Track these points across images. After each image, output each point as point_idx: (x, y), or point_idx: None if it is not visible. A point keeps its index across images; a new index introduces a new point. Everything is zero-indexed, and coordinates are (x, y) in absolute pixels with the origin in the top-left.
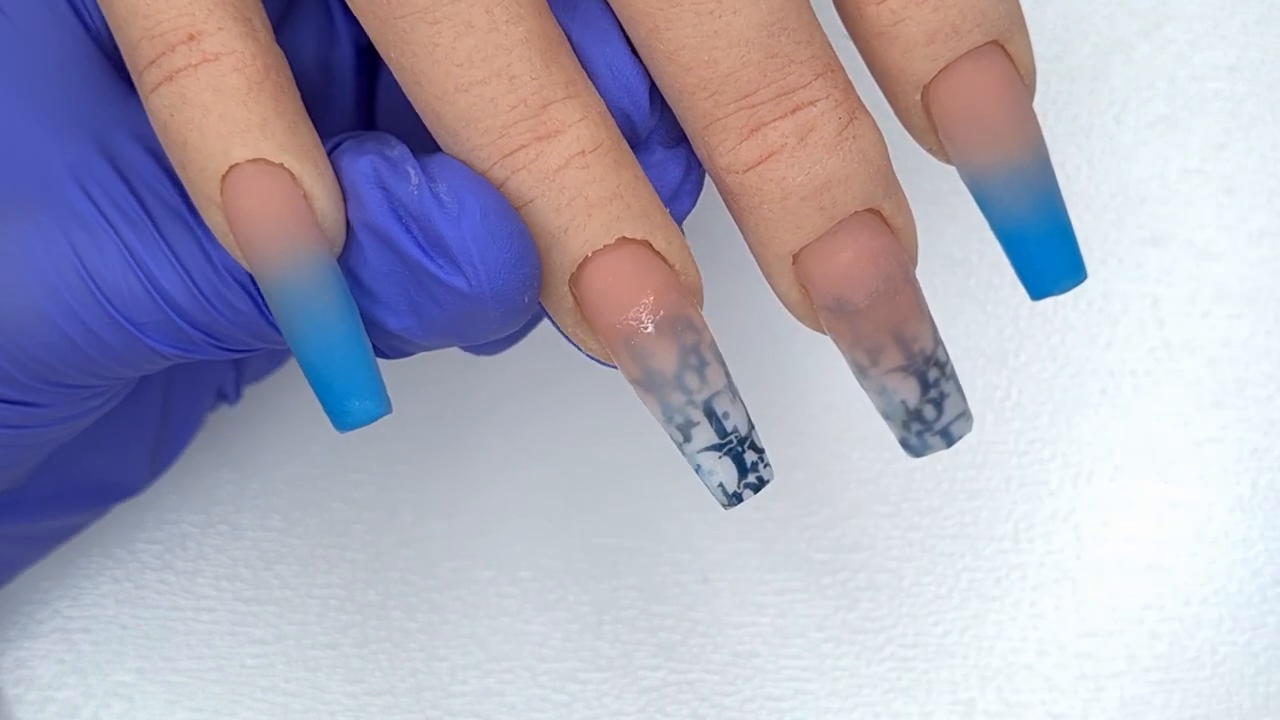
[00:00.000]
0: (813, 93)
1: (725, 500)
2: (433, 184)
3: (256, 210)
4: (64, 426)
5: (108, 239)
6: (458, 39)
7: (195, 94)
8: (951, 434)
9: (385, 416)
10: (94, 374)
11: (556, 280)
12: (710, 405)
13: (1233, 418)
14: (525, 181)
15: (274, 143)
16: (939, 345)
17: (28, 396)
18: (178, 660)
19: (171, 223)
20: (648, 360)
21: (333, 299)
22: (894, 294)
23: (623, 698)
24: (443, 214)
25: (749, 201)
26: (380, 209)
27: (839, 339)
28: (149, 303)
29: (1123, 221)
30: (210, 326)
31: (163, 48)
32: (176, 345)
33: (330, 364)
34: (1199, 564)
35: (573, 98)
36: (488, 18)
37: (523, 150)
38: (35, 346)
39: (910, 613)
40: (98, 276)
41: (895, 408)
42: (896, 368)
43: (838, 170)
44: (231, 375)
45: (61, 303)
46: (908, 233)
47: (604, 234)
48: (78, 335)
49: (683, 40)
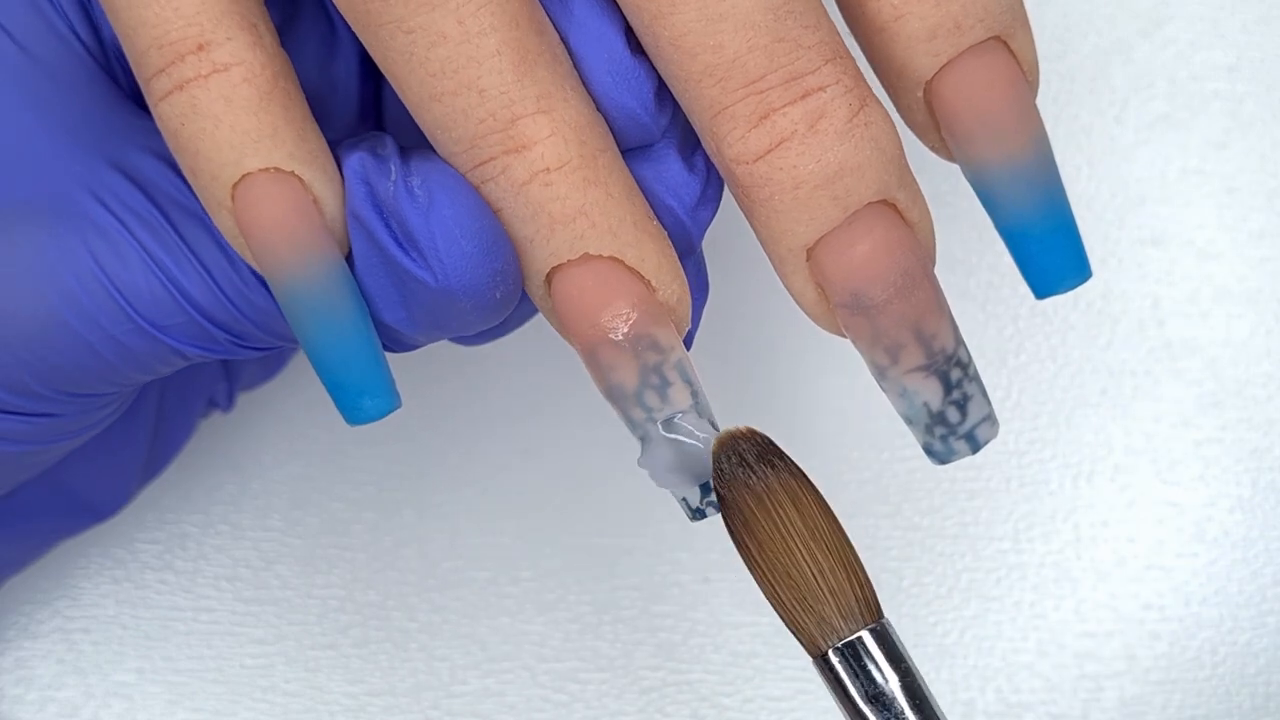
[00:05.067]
0: (822, 78)
1: (690, 514)
2: (409, 179)
3: (268, 217)
4: (73, 440)
5: (127, 244)
6: (430, 49)
7: (206, 105)
8: (977, 438)
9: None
10: (111, 381)
11: (534, 281)
12: (672, 422)
13: (1233, 418)
14: (494, 192)
15: (284, 151)
16: (960, 344)
17: (44, 408)
18: (178, 660)
19: (188, 224)
20: (609, 374)
21: (343, 300)
22: (912, 288)
23: (623, 698)
24: (413, 207)
25: (760, 193)
26: (362, 203)
27: (857, 338)
28: (172, 304)
29: (1123, 221)
30: (232, 324)
31: (172, 57)
32: (200, 345)
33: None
34: (1199, 564)
35: (544, 113)
36: (460, 29)
37: (491, 162)
38: (55, 356)
39: (910, 613)
40: (119, 282)
41: (917, 410)
42: (917, 367)
43: (850, 158)
44: (224, 385)
45: (82, 311)
46: (924, 226)
47: (568, 249)
48: (99, 342)
49: (687, 25)
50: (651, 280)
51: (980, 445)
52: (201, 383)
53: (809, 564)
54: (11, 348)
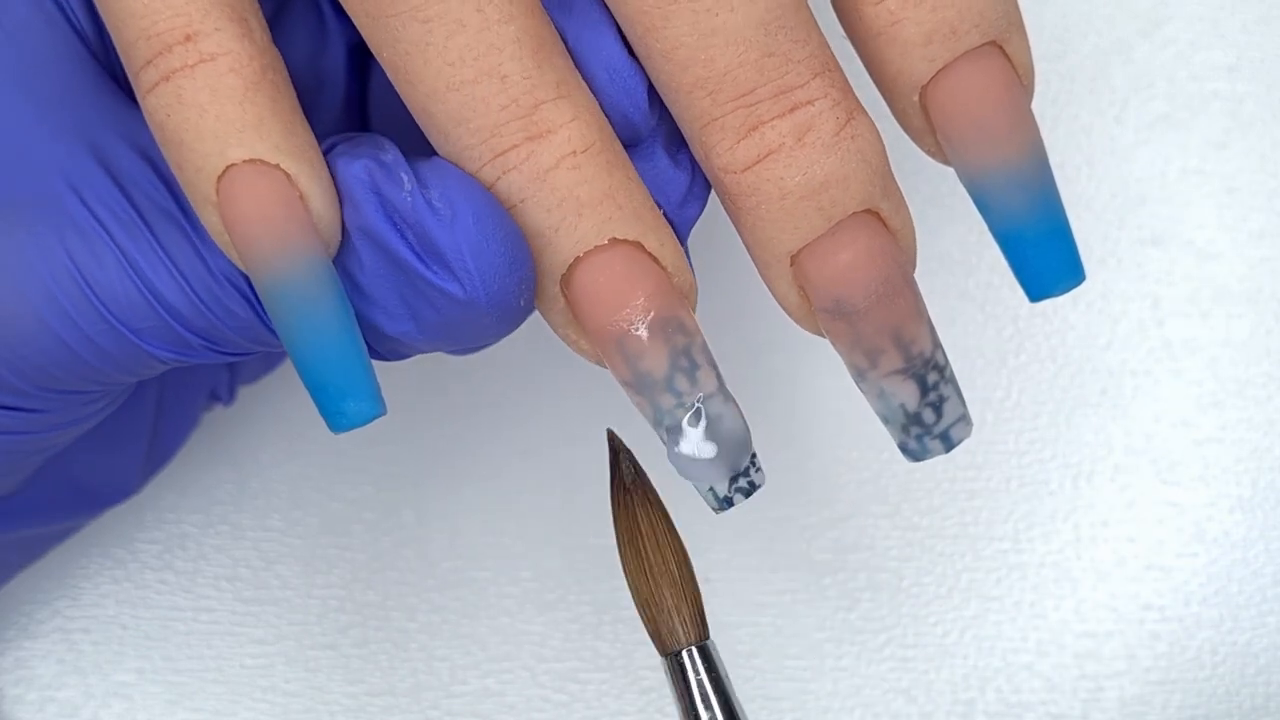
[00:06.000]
0: (810, 92)
1: (716, 504)
2: (425, 189)
3: (252, 210)
4: (64, 432)
5: (104, 245)
6: (449, 37)
7: (192, 94)
8: (951, 438)
9: (380, 418)
10: (92, 380)
11: (548, 281)
12: (700, 410)
13: (1233, 418)
14: (516, 181)
15: (270, 143)
16: (938, 348)
17: (28, 403)
18: (178, 660)
19: (167, 228)
20: (638, 362)
21: (328, 300)
22: (893, 296)
23: (623, 698)
24: (436, 219)
25: (746, 202)
26: (375, 214)
27: (837, 341)
28: (146, 309)
29: (1123, 221)
30: (207, 331)
31: (159, 48)
32: (174, 350)
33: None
34: (1199, 564)
35: (565, 98)
36: (479, 16)
37: (514, 150)
38: (34, 354)
39: (910, 613)
40: (94, 283)
41: (894, 411)
42: (895, 370)
43: (836, 170)
44: (225, 377)
45: (59, 310)
46: (906, 234)
47: (595, 234)
48: (75, 342)
49: (680, 38)
50: (668, 266)
51: (954, 444)
52: (202, 375)
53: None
54: None
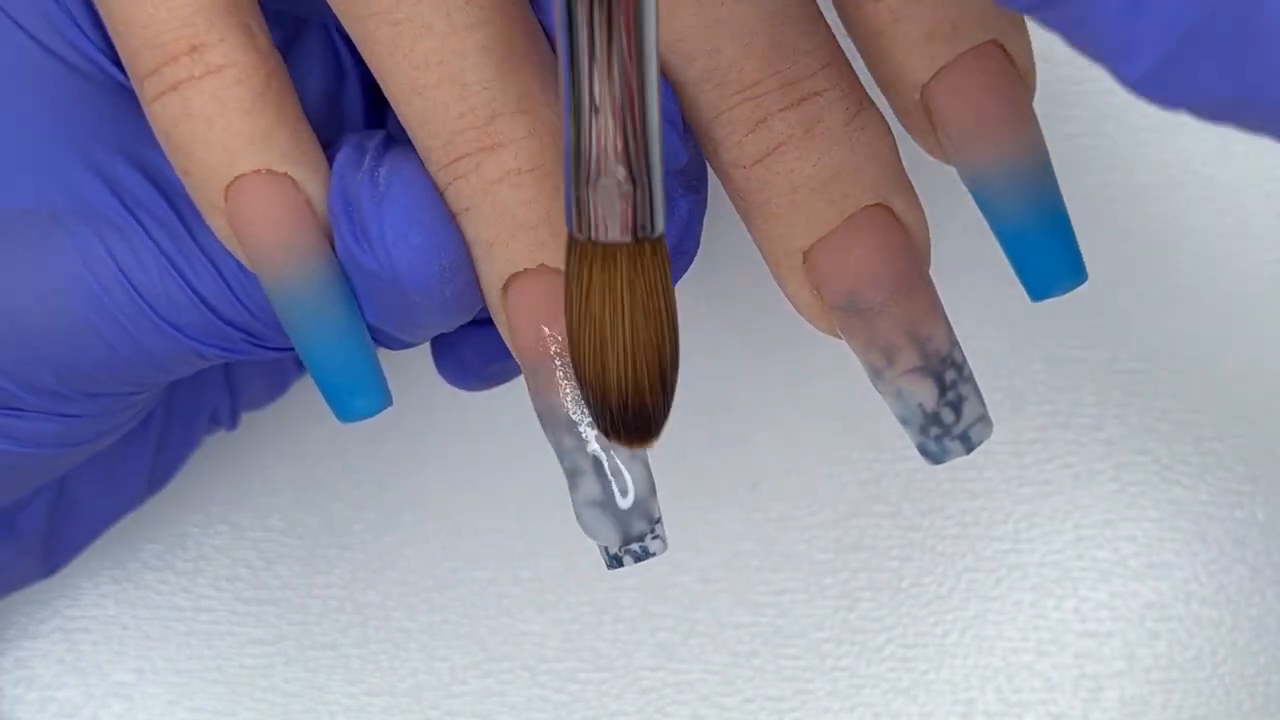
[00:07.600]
0: (818, 83)
1: (606, 560)
2: (378, 169)
3: (261, 217)
4: (92, 444)
5: (143, 244)
6: (416, 41)
7: (199, 106)
8: (971, 438)
9: (385, 410)
10: (131, 380)
11: (491, 291)
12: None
13: (1233, 416)
14: (464, 190)
15: (278, 153)
16: (955, 346)
17: (68, 408)
18: (178, 660)
19: (201, 226)
20: (546, 395)
21: (335, 300)
22: (908, 291)
23: (623, 698)
24: (370, 196)
25: (757, 198)
26: (334, 195)
27: (853, 340)
28: (188, 304)
29: (1123, 222)
30: (247, 324)
31: (164, 58)
32: (218, 345)
33: (335, 362)
34: (1199, 564)
35: (525, 113)
36: (447, 21)
37: (465, 159)
38: (77, 356)
39: (910, 613)
40: (136, 281)
41: (912, 411)
42: (912, 369)
43: (846, 161)
44: (227, 401)
45: (103, 310)
46: (920, 229)
47: (525, 257)
48: (119, 342)
49: (684, 30)
50: None
51: (974, 445)
52: (205, 399)
53: None
54: (33, 346)
